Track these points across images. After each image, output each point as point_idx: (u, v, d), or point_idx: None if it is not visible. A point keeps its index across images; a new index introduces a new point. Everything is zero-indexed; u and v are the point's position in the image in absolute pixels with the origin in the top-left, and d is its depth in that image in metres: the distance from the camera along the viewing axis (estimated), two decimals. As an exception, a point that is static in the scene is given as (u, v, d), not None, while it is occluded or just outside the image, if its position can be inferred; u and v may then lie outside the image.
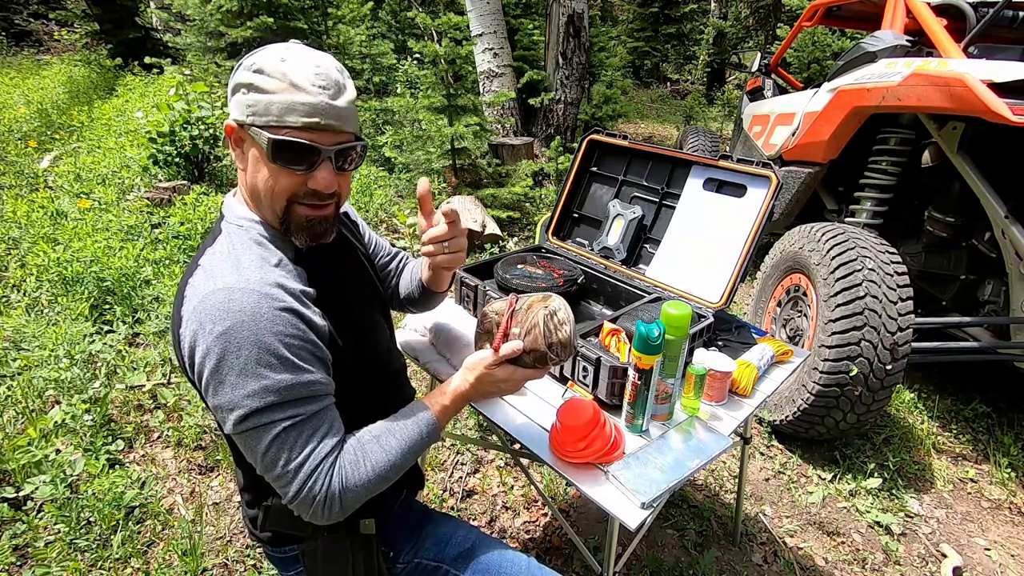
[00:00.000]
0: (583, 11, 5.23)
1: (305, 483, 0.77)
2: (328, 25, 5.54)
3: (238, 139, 0.84)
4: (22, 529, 1.67)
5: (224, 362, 0.73)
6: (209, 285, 0.76)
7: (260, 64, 0.78)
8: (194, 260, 0.84)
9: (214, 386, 0.75)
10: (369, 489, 0.82)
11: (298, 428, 0.77)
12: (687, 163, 1.61)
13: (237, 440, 0.79)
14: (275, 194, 0.83)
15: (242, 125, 0.81)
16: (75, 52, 9.44)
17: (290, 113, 0.77)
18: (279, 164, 0.80)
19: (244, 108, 0.79)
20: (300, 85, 0.77)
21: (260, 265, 0.81)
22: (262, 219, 0.87)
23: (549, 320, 0.88)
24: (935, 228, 2.44)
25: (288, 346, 0.76)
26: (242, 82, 0.79)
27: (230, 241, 0.84)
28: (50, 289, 2.77)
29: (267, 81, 0.77)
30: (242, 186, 0.89)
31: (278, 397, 0.75)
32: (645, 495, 0.93)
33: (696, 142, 4.50)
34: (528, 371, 0.91)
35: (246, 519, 1.02)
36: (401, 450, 0.86)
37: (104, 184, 4.08)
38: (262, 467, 0.79)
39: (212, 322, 0.73)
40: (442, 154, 4.13)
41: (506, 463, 2.12)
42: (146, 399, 2.25)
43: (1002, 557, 1.88)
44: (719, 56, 10.23)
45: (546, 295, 0.93)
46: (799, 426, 2.13)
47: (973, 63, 2.02)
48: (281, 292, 0.78)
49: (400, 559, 1.00)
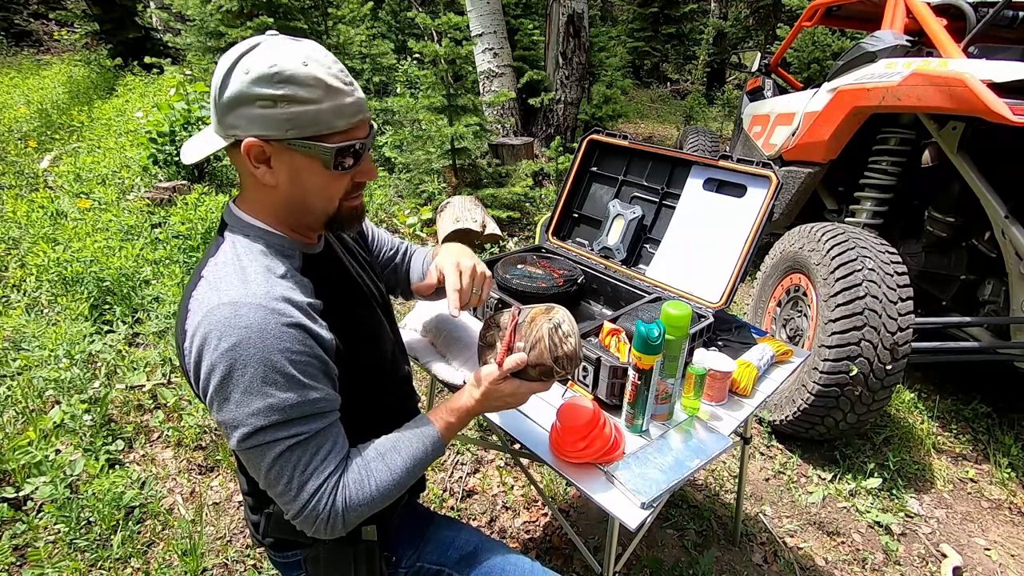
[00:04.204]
0: (583, 11, 5.23)
1: (308, 502, 0.77)
2: (328, 25, 5.54)
3: (261, 156, 0.76)
4: (22, 529, 1.67)
5: (229, 379, 0.72)
6: (214, 299, 0.74)
7: (288, 71, 0.72)
8: (197, 271, 0.81)
9: (219, 402, 0.74)
10: (372, 507, 0.82)
11: (302, 447, 0.76)
12: (687, 163, 1.61)
13: (241, 456, 0.78)
14: (330, 199, 0.82)
15: (275, 141, 0.75)
16: (75, 52, 9.46)
17: (339, 117, 0.76)
18: (339, 170, 0.79)
19: (281, 123, 0.73)
20: (335, 87, 0.75)
21: (266, 277, 0.78)
22: (275, 227, 0.84)
23: (554, 333, 0.87)
24: (935, 228, 2.44)
25: (294, 363, 0.75)
26: (266, 95, 0.72)
27: (235, 251, 0.80)
28: (50, 289, 2.77)
29: (304, 92, 0.73)
30: (265, 202, 0.83)
31: (283, 416, 0.74)
32: (645, 495, 0.93)
33: (696, 142, 4.50)
34: (534, 384, 0.91)
35: (249, 523, 1.02)
36: (405, 468, 0.85)
37: (104, 184, 4.09)
38: (265, 483, 0.78)
39: (218, 338, 0.72)
40: (442, 154, 4.13)
41: (506, 463, 2.12)
42: (146, 399, 2.25)
43: (1002, 557, 1.88)
44: (719, 56, 10.23)
45: (549, 306, 0.92)
46: (799, 426, 2.13)
47: (973, 63, 2.02)
48: (288, 307, 0.76)
49: (402, 563, 1.00)
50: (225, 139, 0.77)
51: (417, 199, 4.30)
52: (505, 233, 3.92)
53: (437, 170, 4.25)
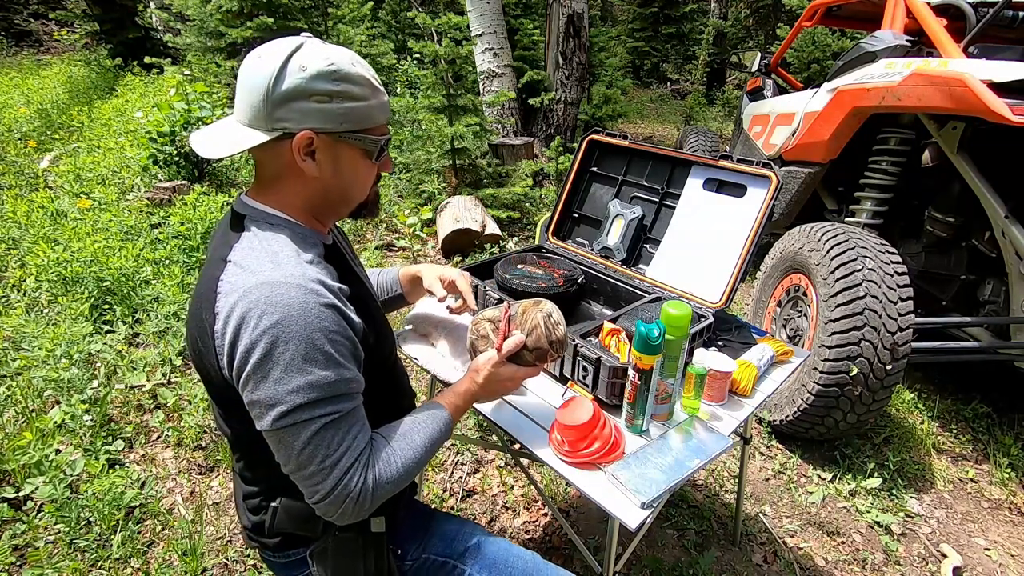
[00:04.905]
0: (583, 11, 5.23)
1: (341, 479, 0.78)
2: (328, 25, 5.54)
3: (308, 148, 0.80)
4: (22, 529, 1.67)
5: (270, 356, 0.73)
6: (251, 279, 0.75)
7: (343, 69, 0.78)
8: (216, 261, 0.81)
9: (256, 380, 0.74)
10: (398, 484, 0.84)
11: (336, 424, 0.78)
12: (687, 163, 1.61)
13: (271, 437, 0.77)
14: (365, 187, 0.91)
15: (328, 133, 0.80)
16: (75, 52, 9.46)
17: (382, 114, 0.85)
18: (378, 160, 0.88)
19: (336, 117, 0.79)
20: (378, 87, 0.84)
21: (298, 261, 0.79)
22: (297, 217, 0.86)
23: (547, 320, 1.00)
24: (935, 228, 2.44)
25: (333, 342, 0.77)
26: (324, 90, 0.77)
27: (260, 238, 0.81)
28: (50, 289, 2.77)
29: (357, 89, 0.80)
30: (302, 193, 0.85)
31: (321, 393, 0.76)
32: (645, 495, 0.93)
33: (696, 142, 4.50)
34: (529, 369, 1.01)
35: (247, 527, 0.98)
36: (425, 447, 0.89)
37: (104, 184, 4.09)
38: (296, 463, 0.77)
39: (259, 315, 0.73)
40: (442, 154, 4.13)
41: (506, 463, 2.12)
42: (146, 399, 2.25)
43: (1002, 557, 1.88)
44: (719, 56, 10.23)
45: (536, 300, 1.05)
46: (799, 426, 2.13)
47: (973, 63, 2.02)
48: (323, 288, 0.78)
49: (408, 556, 1.01)
50: (269, 133, 0.78)
51: (417, 199, 4.30)
52: (505, 233, 3.92)
53: (437, 170, 4.25)
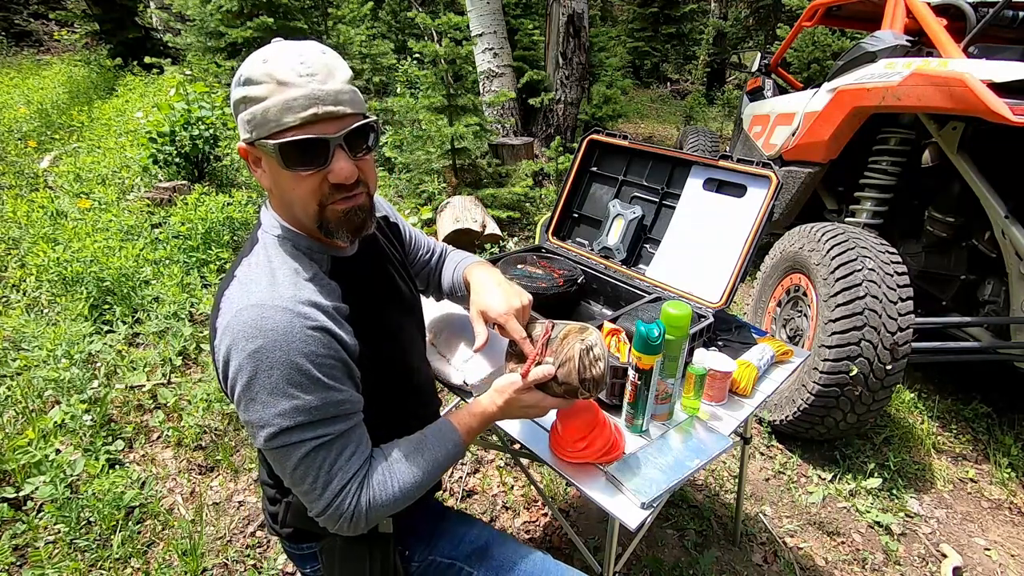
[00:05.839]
0: (583, 11, 5.23)
1: (332, 502, 0.78)
2: (328, 25, 5.54)
3: (255, 159, 0.81)
4: (22, 529, 1.67)
5: (255, 380, 0.74)
6: (243, 300, 0.76)
7: (246, 73, 0.74)
8: (231, 270, 0.83)
9: (245, 403, 0.75)
10: (395, 508, 0.84)
11: (327, 447, 0.78)
12: (687, 163, 1.61)
13: (267, 455, 0.79)
14: (304, 200, 0.79)
15: (251, 143, 0.77)
16: (75, 52, 9.44)
17: (287, 113, 0.73)
18: (293, 169, 0.76)
19: (246, 125, 0.76)
20: (287, 81, 0.72)
21: (294, 280, 0.79)
22: (299, 229, 0.85)
23: (585, 355, 0.87)
24: (935, 228, 2.44)
25: (319, 366, 0.76)
26: (237, 99, 0.76)
27: (266, 252, 0.83)
28: (50, 289, 2.77)
29: (256, 89, 0.73)
30: (276, 204, 0.86)
31: (307, 417, 0.76)
32: (645, 495, 0.93)
33: (696, 142, 4.50)
34: (556, 400, 0.92)
35: (266, 513, 1.03)
36: (428, 470, 0.87)
37: (104, 184, 4.08)
38: (290, 482, 0.80)
39: (245, 339, 0.74)
40: (442, 154, 4.13)
41: (506, 463, 2.12)
42: (146, 399, 2.25)
43: (1002, 557, 1.88)
44: (719, 56, 10.22)
45: (583, 326, 0.91)
46: (799, 426, 2.13)
47: (973, 63, 2.02)
48: (313, 310, 0.77)
49: (415, 558, 1.01)
50: None
51: (417, 199, 4.30)
52: (505, 233, 3.92)
53: (437, 170, 4.25)
